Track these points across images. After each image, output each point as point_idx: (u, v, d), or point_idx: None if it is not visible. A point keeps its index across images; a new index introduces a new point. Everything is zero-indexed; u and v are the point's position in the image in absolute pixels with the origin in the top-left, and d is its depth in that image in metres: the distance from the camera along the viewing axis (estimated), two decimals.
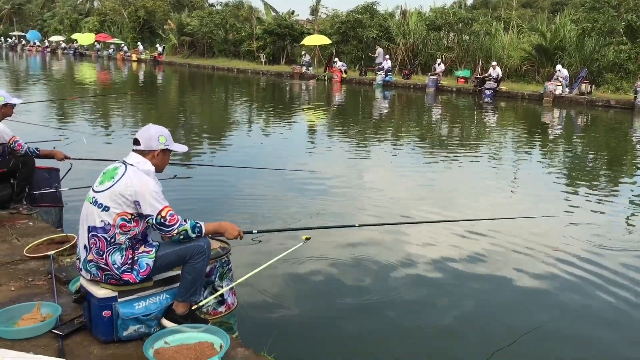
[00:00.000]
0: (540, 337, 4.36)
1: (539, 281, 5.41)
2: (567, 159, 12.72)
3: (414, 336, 4.32)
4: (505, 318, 4.67)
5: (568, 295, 5.17)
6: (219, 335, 3.09)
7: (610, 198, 8.90)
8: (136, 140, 3.24)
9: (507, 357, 4.08)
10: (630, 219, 7.74)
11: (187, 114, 18.29)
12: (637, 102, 21.34)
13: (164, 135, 3.29)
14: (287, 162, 10.47)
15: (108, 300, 3.12)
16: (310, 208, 7.42)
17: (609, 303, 5.02)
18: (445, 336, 4.35)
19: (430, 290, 5.18)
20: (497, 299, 5.08)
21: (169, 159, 3.38)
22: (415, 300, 4.97)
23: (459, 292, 5.14)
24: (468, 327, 4.51)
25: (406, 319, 4.62)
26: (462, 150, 12.73)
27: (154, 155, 3.24)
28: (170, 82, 32.18)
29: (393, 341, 4.24)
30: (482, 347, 4.18)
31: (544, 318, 4.69)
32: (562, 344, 4.30)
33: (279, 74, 35.42)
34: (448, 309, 4.79)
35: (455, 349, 4.13)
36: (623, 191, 9.50)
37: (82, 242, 3.18)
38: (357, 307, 4.78)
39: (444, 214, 7.37)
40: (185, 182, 8.36)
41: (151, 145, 3.22)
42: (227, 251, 3.76)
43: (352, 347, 4.12)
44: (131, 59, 46.19)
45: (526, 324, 4.56)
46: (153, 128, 3.29)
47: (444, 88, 27.55)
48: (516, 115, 21.08)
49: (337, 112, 20.54)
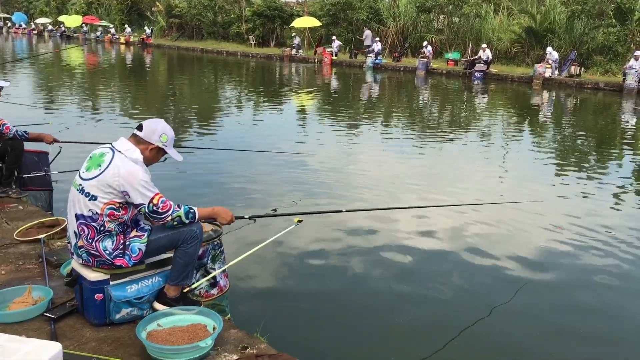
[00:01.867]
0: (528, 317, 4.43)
1: (532, 262, 5.47)
2: (556, 141, 12.78)
3: (404, 314, 4.36)
4: (497, 299, 4.72)
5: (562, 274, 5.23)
6: (211, 317, 3.10)
7: (599, 179, 8.98)
8: (140, 126, 3.19)
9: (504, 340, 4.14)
10: (619, 200, 7.82)
11: (176, 96, 18.16)
12: (625, 84, 21.43)
13: (168, 135, 3.21)
14: (277, 145, 10.44)
15: (100, 283, 3.12)
16: (302, 191, 7.43)
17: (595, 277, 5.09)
18: (438, 315, 4.39)
19: (421, 270, 5.23)
20: (480, 277, 5.13)
21: (159, 159, 3.30)
22: (406, 279, 5.02)
23: (448, 271, 5.19)
24: (456, 297, 4.56)
25: (397, 298, 4.67)
26: (452, 133, 12.75)
27: (147, 147, 3.17)
28: (159, 65, 31.89)
29: (384, 320, 4.27)
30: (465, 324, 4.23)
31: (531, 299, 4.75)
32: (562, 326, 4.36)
33: (268, 57, 35.19)
34: (439, 288, 4.83)
35: (446, 324, 4.17)
36: (611, 173, 9.57)
37: (72, 228, 3.16)
38: (349, 288, 4.84)
39: (434, 198, 7.41)
40: (176, 166, 8.35)
41: (151, 138, 3.16)
42: (219, 234, 3.76)
43: (344, 327, 4.16)
44: (119, 41, 45.68)
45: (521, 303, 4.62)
46: (161, 124, 3.23)
47: (434, 71, 27.50)
48: (506, 98, 21.11)
49: (327, 94, 20.47)
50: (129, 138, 3.20)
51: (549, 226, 6.37)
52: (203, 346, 2.84)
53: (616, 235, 6.25)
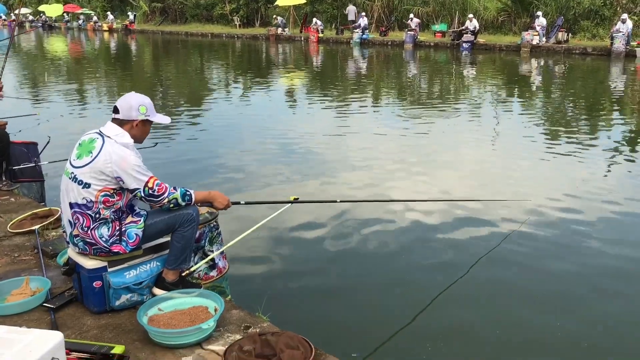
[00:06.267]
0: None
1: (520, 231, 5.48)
2: (547, 109, 12.77)
3: (404, 288, 4.37)
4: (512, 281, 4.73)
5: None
6: (212, 299, 3.09)
7: (591, 145, 8.99)
8: (115, 109, 3.11)
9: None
10: (610, 167, 7.84)
11: (163, 81, 17.96)
12: (613, 48, 21.40)
13: (145, 105, 3.14)
14: (268, 125, 10.37)
15: (98, 270, 3.09)
16: (295, 172, 7.37)
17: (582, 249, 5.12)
18: (436, 293, 4.39)
19: (414, 245, 5.21)
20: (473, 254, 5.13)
21: (150, 130, 3.25)
22: (402, 253, 5.01)
23: (448, 251, 5.14)
24: (452, 273, 4.57)
25: (394, 271, 4.66)
26: (443, 107, 12.69)
27: (132, 126, 3.10)
28: (144, 51, 31.53)
29: (383, 293, 4.27)
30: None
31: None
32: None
33: (254, 37, 34.87)
34: (438, 267, 4.79)
35: (446, 304, 4.17)
36: (601, 139, 9.57)
37: (66, 217, 3.12)
38: (346, 263, 4.82)
39: (428, 182, 7.37)
40: (168, 150, 8.31)
41: (130, 115, 3.09)
42: (215, 215, 3.73)
43: (343, 302, 4.16)
44: (102, 29, 45.08)
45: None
46: (134, 97, 3.14)
47: (422, 43, 27.35)
48: (495, 68, 21.03)
49: (316, 73, 20.33)
50: (112, 121, 3.13)
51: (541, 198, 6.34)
52: (205, 328, 2.83)
53: (609, 198, 6.28)
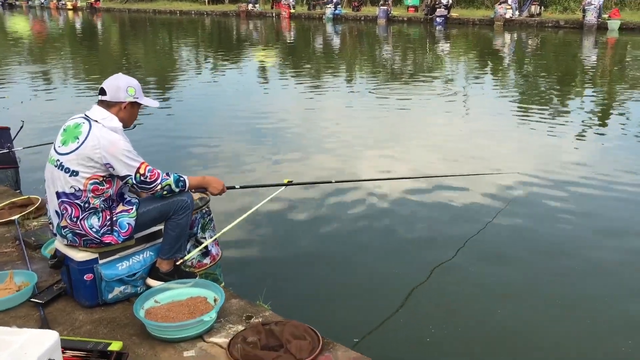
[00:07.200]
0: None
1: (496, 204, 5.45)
2: (520, 82, 12.80)
3: (403, 268, 4.27)
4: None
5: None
6: (211, 289, 2.96)
7: (564, 117, 9.03)
8: (102, 90, 2.94)
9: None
10: (579, 139, 7.88)
11: (131, 61, 17.45)
12: (585, 20, 21.55)
13: (134, 86, 2.99)
14: (244, 107, 10.14)
15: (88, 263, 2.93)
16: (279, 154, 7.18)
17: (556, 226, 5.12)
18: (424, 277, 4.32)
19: (415, 225, 5.12)
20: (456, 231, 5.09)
21: (137, 113, 3.09)
22: (401, 232, 4.92)
23: (436, 234, 5.07)
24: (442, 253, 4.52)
25: (394, 251, 4.57)
26: (419, 82, 12.61)
27: (120, 108, 2.94)
28: (111, 30, 30.67)
29: (383, 276, 4.18)
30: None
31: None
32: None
33: (224, 14, 34.26)
34: (429, 249, 4.73)
35: (432, 285, 4.11)
36: (574, 112, 9.61)
37: (53, 208, 2.94)
38: (345, 246, 4.68)
39: (407, 159, 7.30)
40: (141, 133, 8.01)
41: (119, 97, 2.93)
42: (206, 201, 3.57)
43: (343, 286, 4.06)
44: (66, 7, 43.76)
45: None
46: (122, 78, 2.99)
47: (395, 18, 27.18)
48: (469, 42, 21.02)
49: (288, 49, 20.02)
50: (99, 104, 2.96)
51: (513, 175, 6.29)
52: (207, 320, 2.70)
53: (582, 173, 6.29)
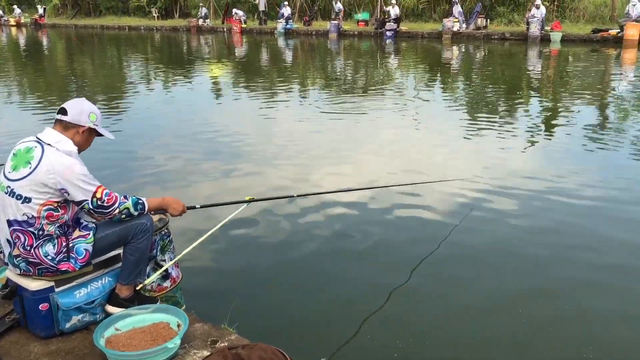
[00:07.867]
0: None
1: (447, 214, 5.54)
2: (469, 94, 13.09)
3: (368, 281, 4.24)
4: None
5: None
6: (174, 314, 2.89)
7: (510, 125, 9.29)
8: (63, 110, 2.84)
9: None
10: (530, 143, 8.10)
11: (79, 79, 16.98)
12: (529, 33, 22.29)
13: (96, 114, 2.93)
14: (198, 121, 10.00)
15: (44, 292, 2.82)
16: (238, 170, 7.07)
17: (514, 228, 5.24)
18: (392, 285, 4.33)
19: (378, 237, 5.11)
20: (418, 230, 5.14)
21: (92, 142, 3.00)
22: (364, 244, 4.89)
23: (401, 237, 5.14)
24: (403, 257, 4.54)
25: (359, 265, 4.53)
26: (368, 95, 12.73)
27: (78, 132, 2.85)
28: (57, 47, 29.90)
29: (350, 291, 4.12)
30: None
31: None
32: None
33: (174, 29, 33.94)
34: (398, 256, 4.76)
35: (410, 294, 4.13)
36: (521, 120, 9.88)
37: (4, 236, 2.82)
38: (311, 263, 4.60)
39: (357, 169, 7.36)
40: (94, 157, 7.77)
41: (80, 120, 2.84)
42: (165, 222, 3.49)
43: (310, 305, 3.98)
44: (9, 24, 42.49)
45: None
46: (86, 102, 2.93)
47: (346, 33, 27.50)
48: (418, 55, 21.41)
49: (240, 64, 19.94)
50: (54, 127, 2.87)
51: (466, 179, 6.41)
52: (171, 347, 2.63)
53: (530, 183, 6.43)
